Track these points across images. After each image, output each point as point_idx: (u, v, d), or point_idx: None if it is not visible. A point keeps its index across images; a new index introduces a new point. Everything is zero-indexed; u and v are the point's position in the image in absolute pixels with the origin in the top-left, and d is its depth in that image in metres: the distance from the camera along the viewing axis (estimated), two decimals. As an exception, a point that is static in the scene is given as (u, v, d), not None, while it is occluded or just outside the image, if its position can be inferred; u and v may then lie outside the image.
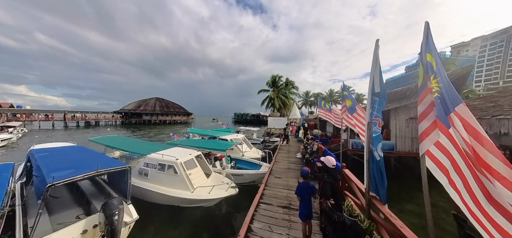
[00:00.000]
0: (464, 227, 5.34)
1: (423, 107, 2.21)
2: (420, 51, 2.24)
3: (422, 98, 2.22)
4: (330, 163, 3.39)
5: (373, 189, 3.60)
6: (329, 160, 3.46)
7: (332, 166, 3.37)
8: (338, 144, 13.82)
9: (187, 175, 6.26)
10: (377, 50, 3.46)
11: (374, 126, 3.56)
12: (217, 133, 15.51)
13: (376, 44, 3.48)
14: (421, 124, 2.23)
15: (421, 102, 2.24)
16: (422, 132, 2.20)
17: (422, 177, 2.23)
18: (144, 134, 33.27)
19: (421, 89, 2.23)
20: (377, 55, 3.48)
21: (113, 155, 10.75)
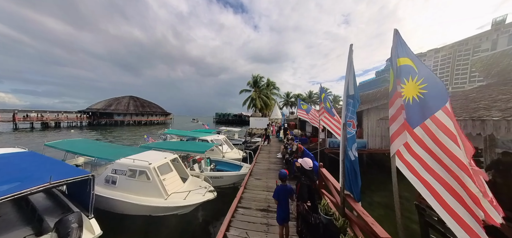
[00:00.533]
0: (424, 215, 5.94)
1: (394, 110, 2.30)
2: (390, 57, 2.33)
3: (393, 102, 2.31)
4: (307, 165, 3.41)
5: (348, 188, 3.73)
6: (306, 162, 3.47)
7: (309, 167, 3.39)
8: (316, 143, 14.36)
9: (161, 180, 5.83)
10: (351, 55, 3.58)
11: (349, 127, 3.68)
12: (196, 133, 14.92)
13: (350, 49, 3.60)
14: (391, 126, 2.32)
15: (391, 105, 2.33)
16: (393, 133, 2.30)
17: (392, 175, 2.32)
18: (116, 136, 30.60)
19: (391, 94, 2.32)
20: (351, 59, 3.60)
21: (76, 162, 9.61)
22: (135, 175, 6.28)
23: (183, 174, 7.39)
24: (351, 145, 3.67)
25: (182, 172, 7.43)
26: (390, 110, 2.35)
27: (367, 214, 2.95)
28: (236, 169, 9.23)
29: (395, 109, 2.27)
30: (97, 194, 6.29)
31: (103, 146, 10.00)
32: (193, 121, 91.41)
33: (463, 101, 6.32)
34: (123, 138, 28.92)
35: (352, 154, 3.66)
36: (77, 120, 46.86)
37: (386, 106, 5.77)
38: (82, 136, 28.82)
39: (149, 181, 5.89)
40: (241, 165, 9.50)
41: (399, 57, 2.18)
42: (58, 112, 46.29)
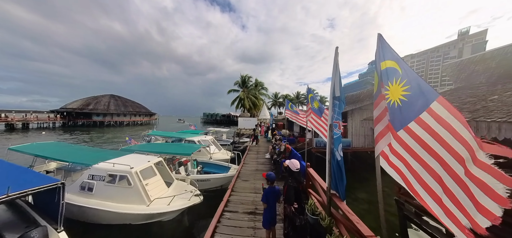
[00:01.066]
0: (402, 210, 6.31)
1: (378, 112, 2.36)
2: (374, 60, 2.39)
3: (377, 104, 2.37)
4: (294, 166, 3.37)
5: (334, 187, 3.80)
6: (293, 163, 3.43)
7: (296, 169, 3.35)
8: (304, 143, 14.65)
9: (144, 185, 5.51)
10: (337, 57, 3.65)
11: (335, 127, 3.75)
12: (183, 135, 14.45)
13: (336, 51, 3.67)
14: (376, 127, 2.38)
15: (376, 107, 2.39)
16: (377, 134, 2.36)
17: (376, 174, 2.38)
18: (94, 138, 28.67)
19: (376, 96, 2.38)
20: (337, 61, 3.67)
21: (47, 167, 8.79)
22: (115, 181, 5.88)
23: (168, 178, 7.08)
24: (337, 145, 3.75)
25: (167, 176, 7.12)
26: (375, 112, 2.41)
27: (352, 212, 3.02)
28: (224, 170, 9.07)
29: (379, 111, 2.33)
30: (72, 203, 5.82)
31: (79, 150, 9.27)
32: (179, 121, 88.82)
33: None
34: (102, 140, 27.17)
35: (338, 154, 3.73)
36: (49, 121, 43.01)
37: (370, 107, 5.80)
38: (55, 139, 26.58)
39: (131, 187, 5.54)
40: (229, 166, 9.36)
41: (383, 60, 2.24)
42: (26, 112, 42.15)
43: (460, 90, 8.00)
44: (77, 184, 6.35)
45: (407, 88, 2.10)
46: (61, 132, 34.58)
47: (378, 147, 2.32)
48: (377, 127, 2.38)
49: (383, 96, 2.26)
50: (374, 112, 2.40)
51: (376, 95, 2.38)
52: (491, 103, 4.54)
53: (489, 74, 9.05)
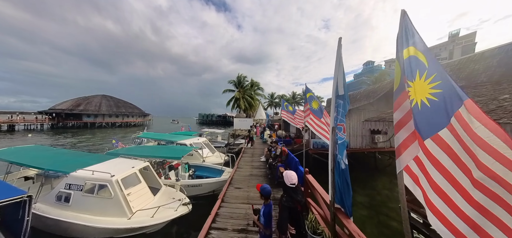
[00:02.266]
0: (409, 219, 5.94)
1: (401, 114, 1.89)
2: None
3: (399, 104, 1.90)
4: (289, 180, 2.71)
5: (338, 200, 3.35)
6: (288, 176, 2.75)
7: (291, 184, 2.70)
8: (301, 144, 14.26)
9: (125, 196, 4.94)
10: (340, 49, 3.20)
11: (339, 131, 3.30)
12: (175, 137, 13.82)
13: (339, 43, 3.22)
14: (398, 134, 1.92)
15: (397, 108, 1.93)
16: (400, 144, 1.89)
17: (400, 196, 1.93)
18: (84, 141, 27.55)
19: (397, 93, 1.92)
20: (340, 55, 3.22)
21: (28, 173, 8.12)
22: (93, 190, 5.28)
23: (155, 184, 6.51)
24: (342, 152, 3.30)
25: (154, 182, 6.55)
26: (396, 114, 1.94)
27: (362, 234, 2.57)
28: (217, 174, 8.54)
29: (402, 113, 1.87)
30: (45, 215, 5.22)
31: (59, 154, 8.54)
32: (173, 121, 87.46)
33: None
34: (91, 142, 26.09)
35: (343, 162, 3.29)
36: (37, 122, 41.20)
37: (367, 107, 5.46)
38: (43, 141, 25.37)
39: (111, 197, 4.96)
40: (222, 169, 8.83)
41: (407, 46, 1.78)
42: (12, 114, 40.32)
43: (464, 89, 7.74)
44: (53, 193, 5.73)
45: (437, 85, 1.66)
46: (49, 134, 33.16)
47: (402, 160, 1.86)
48: (399, 133, 1.90)
49: (406, 95, 1.80)
50: (395, 115, 1.93)
51: (398, 93, 1.91)
52: (506, 103, 4.21)
53: (491, 73, 8.83)
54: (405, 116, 1.88)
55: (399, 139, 1.92)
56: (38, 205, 5.72)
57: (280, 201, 2.71)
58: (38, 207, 5.61)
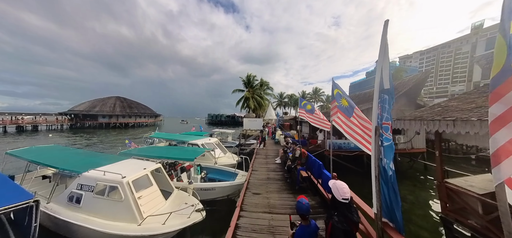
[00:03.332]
0: (452, 230, 5.18)
1: (502, 108, 1.34)
2: (501, 15, 1.36)
3: (501, 95, 1.35)
4: (341, 194, 2.11)
5: (386, 214, 2.78)
6: (339, 189, 2.14)
7: (343, 199, 2.08)
8: (316, 145, 13.56)
9: (136, 199, 4.63)
10: (386, 35, 2.64)
11: (386, 131, 2.73)
12: (186, 137, 13.65)
13: (384, 26, 2.66)
14: (496, 135, 1.37)
15: (497, 100, 1.37)
16: (499, 148, 1.34)
17: (501, 215, 1.37)
18: (98, 140, 28.46)
19: (498, 81, 1.36)
20: (385, 42, 2.65)
21: (46, 171, 8.32)
22: (104, 192, 5.05)
23: (167, 187, 6.20)
24: (389, 155, 2.73)
25: (166, 185, 6.25)
26: (494, 108, 1.39)
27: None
28: (230, 177, 8.13)
29: (505, 106, 1.32)
30: (56, 216, 5.07)
31: (73, 154, 8.56)
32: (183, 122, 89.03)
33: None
34: (105, 142, 26.85)
35: (390, 168, 2.72)
36: (57, 123, 43.57)
37: None
38: (61, 141, 26.51)
39: (121, 200, 4.68)
40: (235, 172, 8.41)
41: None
42: (36, 115, 42.80)
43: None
44: (66, 193, 5.60)
45: None
46: (68, 134, 34.71)
47: (503, 170, 1.31)
48: (498, 134, 1.36)
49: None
50: (493, 110, 1.38)
51: (499, 80, 1.35)
52: None
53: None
54: (509, 111, 1.31)
55: (498, 141, 1.36)
56: (51, 205, 5.61)
57: (331, 219, 2.09)
58: (50, 207, 5.50)
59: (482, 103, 4.93)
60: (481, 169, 13.71)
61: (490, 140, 1.41)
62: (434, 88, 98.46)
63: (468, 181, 5.79)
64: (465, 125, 4.01)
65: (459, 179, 6.08)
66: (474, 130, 3.87)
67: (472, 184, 5.51)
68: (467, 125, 3.97)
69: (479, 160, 16.52)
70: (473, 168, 13.85)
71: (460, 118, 4.13)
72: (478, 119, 3.84)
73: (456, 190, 5.08)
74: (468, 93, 6.99)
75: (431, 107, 6.33)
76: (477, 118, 3.87)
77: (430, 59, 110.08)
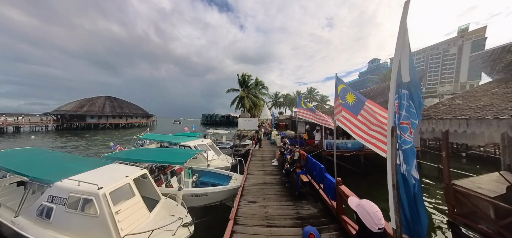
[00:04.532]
0: (460, 235, 4.89)
1: None
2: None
3: None
4: (376, 223, 1.53)
5: (405, 230, 2.34)
6: (369, 213, 1.58)
7: (378, 229, 1.52)
8: (313, 145, 13.20)
9: (113, 214, 4.01)
10: (406, 18, 2.19)
11: (405, 132, 2.29)
12: (178, 138, 12.97)
13: (404, 9, 2.21)
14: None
15: None
16: None
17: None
18: (85, 142, 27.10)
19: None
20: (405, 27, 2.21)
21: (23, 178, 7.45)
22: (77, 206, 4.39)
23: (153, 195, 5.59)
24: (410, 161, 2.29)
25: (152, 193, 5.63)
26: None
27: None
28: (224, 180, 7.58)
29: None
30: (21, 233, 4.40)
31: (49, 159, 7.72)
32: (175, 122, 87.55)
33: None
34: (92, 144, 25.55)
35: (413, 176, 2.28)
36: (42, 124, 41.29)
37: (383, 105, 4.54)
38: (43, 143, 25.02)
39: (96, 216, 4.05)
40: (229, 175, 7.87)
41: None
42: (18, 116, 40.43)
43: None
44: (36, 206, 4.90)
45: None
46: (53, 136, 32.92)
47: None
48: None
49: None
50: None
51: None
52: None
53: (537, 63, 7.62)
54: None
55: None
56: (19, 218, 4.91)
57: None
58: (18, 222, 4.81)
59: (489, 101, 4.66)
60: (472, 166, 13.90)
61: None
62: (423, 89, 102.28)
63: (475, 183, 5.53)
64: (480, 124, 3.68)
65: (465, 180, 5.82)
66: (491, 128, 3.54)
67: (480, 186, 5.24)
68: (482, 123, 3.64)
69: (469, 158, 16.93)
70: (465, 166, 13.91)
71: (474, 116, 3.80)
72: (494, 117, 3.52)
73: (465, 193, 4.77)
74: (471, 91, 6.79)
75: (435, 105, 6.04)
76: (493, 116, 3.55)
77: (420, 60, 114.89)
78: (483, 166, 13.70)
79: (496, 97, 4.95)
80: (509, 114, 3.41)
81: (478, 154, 17.43)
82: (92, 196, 4.22)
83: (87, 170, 5.64)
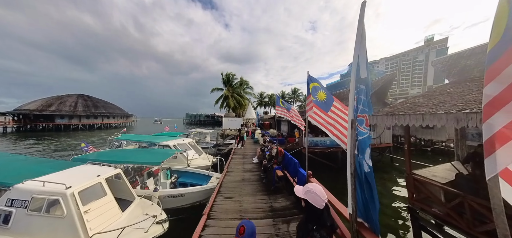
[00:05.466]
0: (418, 219, 5.47)
1: (498, 88, 1.14)
2: None
3: (497, 71, 1.14)
4: (318, 201, 1.66)
5: (361, 214, 2.61)
6: (314, 195, 1.69)
7: (321, 206, 1.65)
8: (294, 143, 13.64)
9: (81, 214, 3.82)
10: (363, 19, 2.46)
11: (361, 124, 2.56)
12: (158, 138, 12.52)
13: (361, 9, 2.47)
14: (490, 119, 1.17)
15: (492, 79, 1.17)
16: (494, 134, 1.15)
17: (494, 216, 1.18)
18: (54, 145, 24.83)
19: (495, 54, 1.15)
20: (362, 26, 2.47)
21: None
22: (42, 208, 4.10)
23: (128, 196, 5.39)
24: (364, 150, 2.57)
25: (126, 193, 5.43)
26: (489, 88, 1.19)
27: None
28: (204, 180, 7.53)
29: (501, 85, 1.12)
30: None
31: (9, 162, 7.03)
32: (156, 122, 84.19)
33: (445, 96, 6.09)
34: (62, 148, 23.48)
35: (366, 164, 2.56)
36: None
37: None
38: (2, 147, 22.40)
39: (62, 216, 3.82)
40: (210, 175, 7.84)
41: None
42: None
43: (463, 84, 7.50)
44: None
45: None
46: (12, 139, 29.51)
47: (499, 160, 1.12)
48: (493, 118, 1.16)
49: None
50: (487, 91, 1.19)
51: (497, 54, 1.15)
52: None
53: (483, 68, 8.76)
54: (506, 90, 1.12)
55: (492, 127, 1.16)
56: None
57: (308, 232, 1.67)
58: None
59: (443, 99, 5.30)
60: (435, 158, 15.58)
61: (483, 126, 1.21)
62: (397, 91, 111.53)
63: (431, 171, 6.22)
64: (433, 118, 4.18)
65: (424, 170, 6.50)
66: (441, 122, 4.04)
67: (435, 174, 5.91)
68: (434, 118, 4.14)
69: (434, 151, 19.33)
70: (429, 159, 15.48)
71: (429, 112, 4.30)
72: (444, 112, 4.02)
73: (422, 181, 5.34)
74: (431, 91, 7.59)
75: (400, 103, 6.67)
76: (443, 111, 4.05)
77: (394, 65, 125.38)
78: (444, 158, 15.34)
79: (449, 96, 5.62)
80: (456, 110, 3.93)
81: (441, 148, 19.54)
82: (59, 196, 3.97)
83: (54, 172, 5.27)
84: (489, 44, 1.17)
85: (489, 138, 1.16)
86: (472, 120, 3.44)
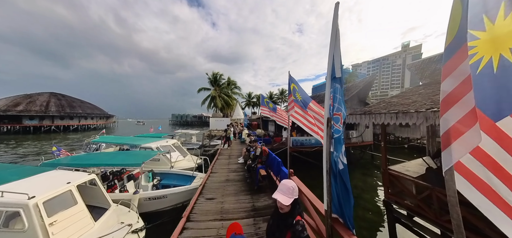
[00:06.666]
0: (392, 212, 5.80)
1: (453, 84, 1.20)
2: None
3: (453, 68, 1.19)
4: (283, 201, 1.68)
5: (336, 210, 2.69)
6: (286, 188, 1.73)
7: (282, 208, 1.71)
8: (280, 142, 13.79)
9: (46, 226, 3.50)
10: (337, 19, 2.53)
11: (336, 122, 2.63)
12: (140, 140, 11.95)
13: (335, 9, 2.54)
14: (446, 115, 1.24)
15: (448, 75, 1.23)
16: (449, 129, 1.21)
17: (450, 207, 1.26)
18: (22, 150, 22.69)
19: (451, 52, 1.20)
20: (336, 27, 2.54)
21: None
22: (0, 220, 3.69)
23: (102, 203, 5.05)
24: (339, 148, 2.64)
25: (101, 200, 5.08)
26: (446, 84, 1.25)
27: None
28: (187, 182, 7.32)
29: (456, 81, 1.18)
30: None
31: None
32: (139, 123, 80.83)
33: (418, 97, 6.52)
34: (31, 152, 21.54)
35: (341, 161, 2.64)
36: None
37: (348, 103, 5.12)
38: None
39: (23, 230, 3.47)
40: (193, 175, 7.65)
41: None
42: None
43: (433, 85, 8.11)
44: None
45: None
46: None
47: (454, 153, 1.18)
48: (448, 114, 1.22)
49: (466, 53, 1.12)
50: (444, 87, 1.25)
51: (452, 51, 1.20)
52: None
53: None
54: (460, 86, 1.18)
55: (448, 121, 1.23)
56: None
57: None
58: None
59: (416, 99, 5.66)
60: (411, 154, 16.69)
61: (440, 121, 1.28)
62: (378, 92, 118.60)
63: (405, 167, 6.63)
64: (405, 116, 4.44)
65: (398, 165, 6.90)
66: (412, 120, 4.31)
67: (408, 169, 6.31)
68: (406, 116, 4.41)
69: (410, 148, 20.88)
70: (406, 155, 16.51)
71: (401, 111, 4.57)
72: (415, 110, 4.29)
73: (396, 175, 5.66)
74: (406, 92, 8.09)
75: (377, 103, 7.01)
76: (414, 110, 4.33)
77: (375, 68, 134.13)
78: (419, 154, 16.48)
79: (421, 97, 6.00)
80: (425, 108, 4.20)
81: (417, 145, 21.02)
82: (19, 208, 3.58)
83: (16, 179, 4.77)
84: (445, 42, 1.24)
85: (445, 132, 1.23)
86: (438, 117, 3.72)
